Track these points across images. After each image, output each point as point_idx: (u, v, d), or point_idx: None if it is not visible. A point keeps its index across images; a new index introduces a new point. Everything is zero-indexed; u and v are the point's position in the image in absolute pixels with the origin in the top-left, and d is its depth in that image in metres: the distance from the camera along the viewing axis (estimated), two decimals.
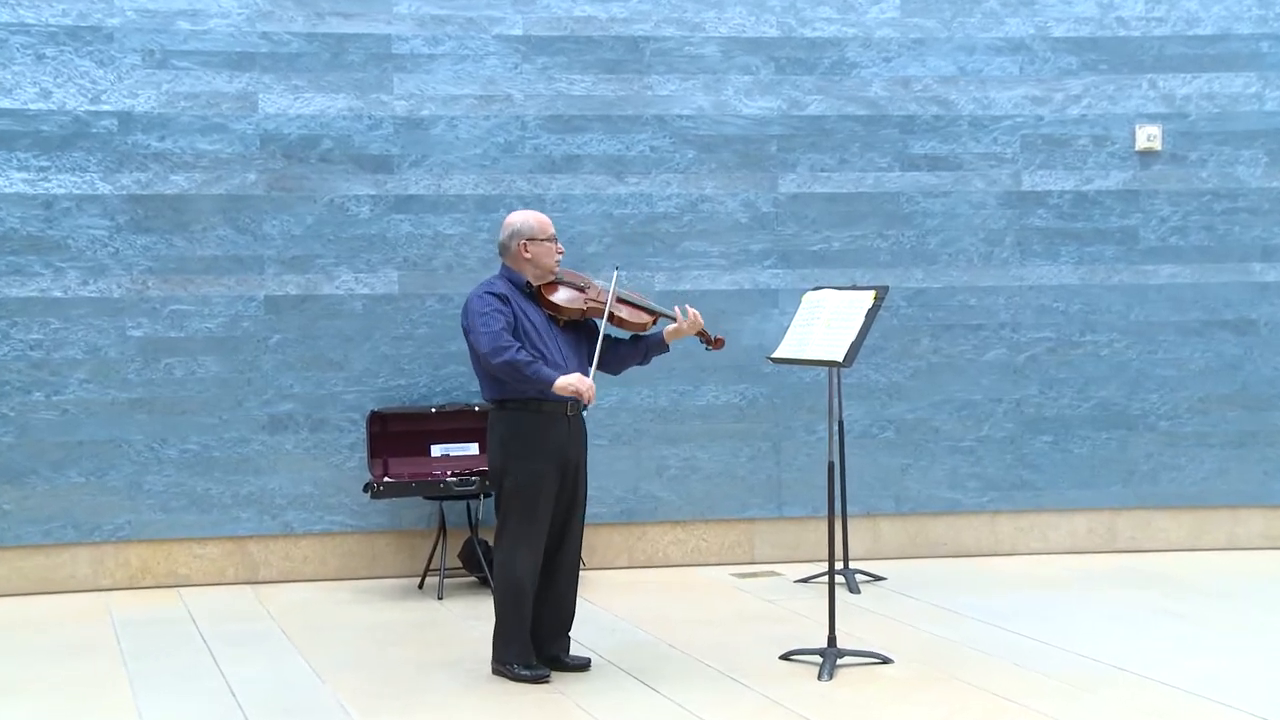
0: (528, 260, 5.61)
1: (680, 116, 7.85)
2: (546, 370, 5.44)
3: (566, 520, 5.68)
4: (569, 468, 5.64)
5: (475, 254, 7.69)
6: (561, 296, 5.64)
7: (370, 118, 7.61)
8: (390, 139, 7.62)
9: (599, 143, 7.79)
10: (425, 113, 7.65)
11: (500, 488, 5.60)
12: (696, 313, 5.76)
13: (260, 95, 7.49)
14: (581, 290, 5.68)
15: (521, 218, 5.67)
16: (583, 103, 7.77)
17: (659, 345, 5.82)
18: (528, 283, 5.63)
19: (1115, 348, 8.11)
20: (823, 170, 7.94)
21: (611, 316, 5.67)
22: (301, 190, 7.56)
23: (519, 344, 5.45)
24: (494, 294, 5.54)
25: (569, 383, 5.43)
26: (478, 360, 5.57)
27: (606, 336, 5.68)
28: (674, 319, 5.76)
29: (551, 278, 5.67)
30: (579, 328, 5.74)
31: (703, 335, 5.84)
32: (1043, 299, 8.08)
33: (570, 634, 5.83)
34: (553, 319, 5.65)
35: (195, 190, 7.46)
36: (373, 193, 7.62)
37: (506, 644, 5.62)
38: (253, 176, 7.51)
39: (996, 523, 8.12)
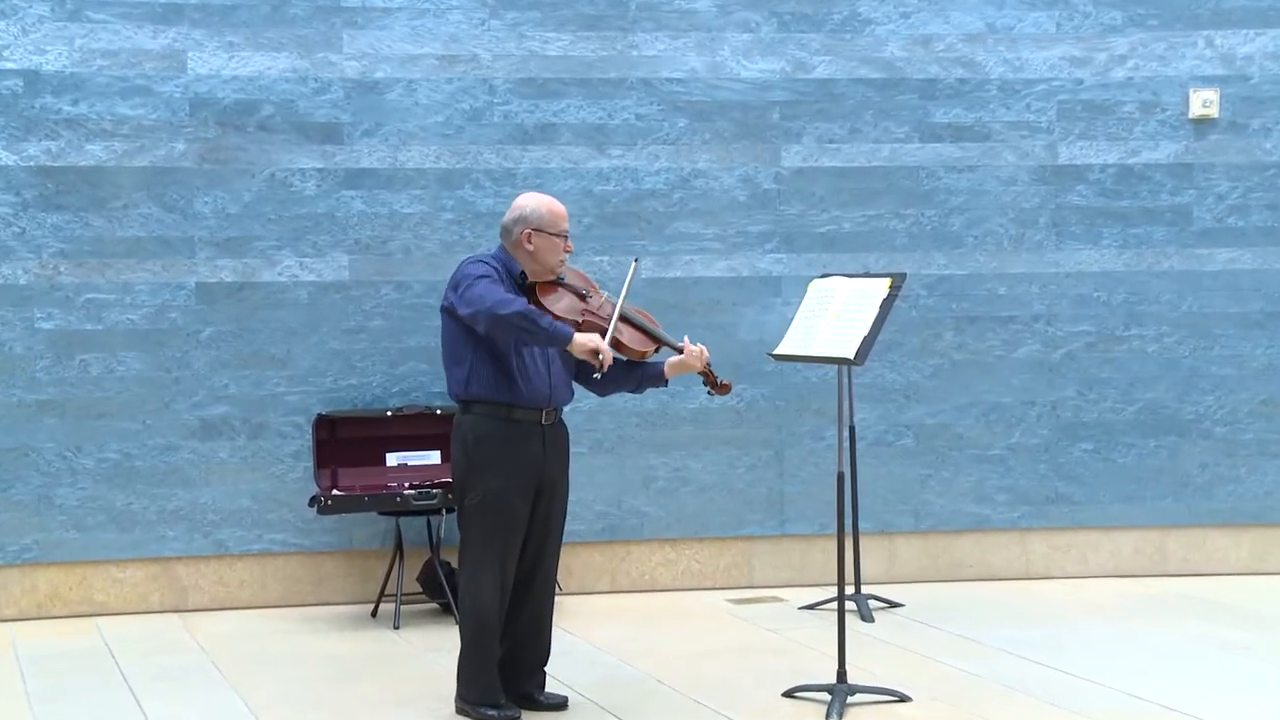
0: (528, 252, 5.57)
1: (669, 80, 7.83)
2: (563, 325, 5.38)
3: (542, 543, 5.64)
4: (545, 484, 5.60)
5: (436, 236, 7.68)
6: (556, 302, 5.54)
7: (317, 80, 7.58)
8: (339, 104, 7.60)
9: (577, 110, 7.77)
10: (379, 75, 7.62)
11: (461, 504, 5.56)
12: (704, 349, 5.74)
13: (189, 53, 7.46)
14: (582, 298, 5.59)
15: (533, 202, 5.61)
16: (559, 64, 7.75)
17: (656, 377, 5.80)
18: (521, 273, 5.56)
19: (1165, 343, 8.11)
20: (831, 141, 7.93)
21: (609, 337, 5.55)
22: (238, 163, 7.53)
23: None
24: (488, 264, 5.52)
25: (589, 341, 5.35)
26: (460, 335, 5.46)
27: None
28: (679, 350, 5.71)
29: (552, 277, 5.59)
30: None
31: (708, 376, 5.81)
32: (1082, 288, 8.08)
33: (546, 669, 5.79)
34: None
35: (115, 162, 7.43)
36: (320, 166, 7.60)
37: (470, 681, 5.61)
38: (181, 146, 7.47)
39: (1029, 542, 8.12)
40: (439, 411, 7.51)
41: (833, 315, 5.87)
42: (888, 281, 5.85)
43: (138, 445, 7.46)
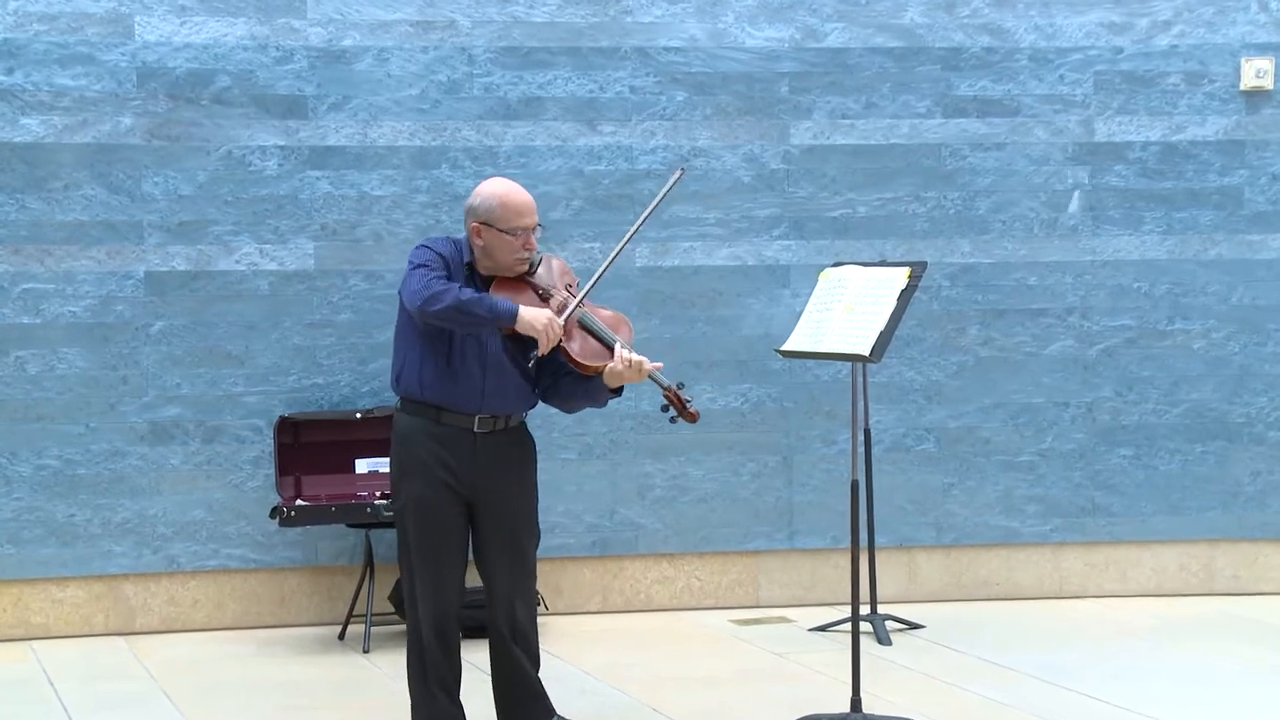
0: (479, 246, 5.44)
1: (667, 49, 7.83)
2: (504, 302, 5.25)
3: (495, 562, 5.52)
4: (480, 496, 5.45)
5: (410, 220, 7.69)
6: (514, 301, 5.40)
7: (278, 48, 7.58)
8: (303, 75, 7.60)
9: (565, 82, 7.78)
10: (348, 43, 7.63)
11: (393, 513, 5.61)
12: (639, 359, 5.36)
13: (137, 18, 7.46)
14: (544, 300, 5.40)
15: (487, 192, 5.46)
16: (546, 32, 7.75)
17: (605, 387, 5.48)
18: (469, 263, 5.44)
19: (1213, 339, 8.11)
20: (845, 117, 7.93)
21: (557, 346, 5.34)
22: (191, 139, 7.53)
23: (458, 284, 5.28)
24: (435, 250, 5.40)
25: (537, 319, 5.20)
26: (404, 325, 5.42)
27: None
28: (610, 353, 5.39)
29: (509, 275, 5.44)
30: (524, 341, 5.46)
31: (671, 396, 5.41)
32: (1121, 278, 8.08)
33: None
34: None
35: (54, 138, 7.43)
36: (281, 143, 7.61)
37: (415, 708, 5.52)
38: (128, 121, 7.47)
39: (1062, 558, 8.12)
40: None
41: (846, 308, 5.87)
42: (906, 271, 5.86)
43: (80, 451, 7.45)
